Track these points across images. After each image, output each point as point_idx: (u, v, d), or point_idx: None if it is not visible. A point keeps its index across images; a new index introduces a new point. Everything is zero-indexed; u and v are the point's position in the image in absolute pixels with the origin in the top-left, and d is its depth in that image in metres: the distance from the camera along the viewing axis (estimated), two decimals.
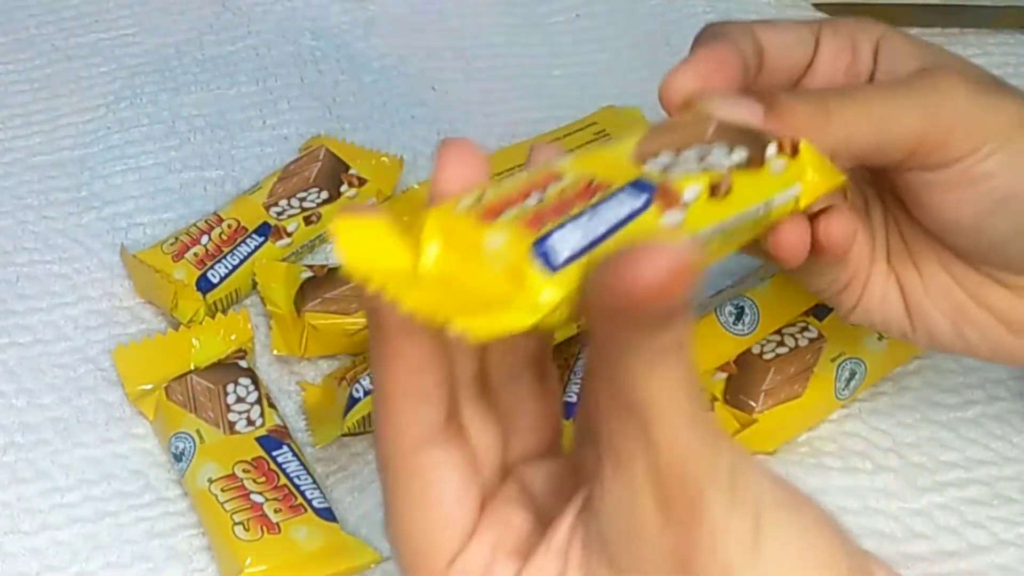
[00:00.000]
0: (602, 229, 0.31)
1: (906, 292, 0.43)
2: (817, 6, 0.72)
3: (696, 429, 0.28)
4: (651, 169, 0.33)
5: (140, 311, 0.58)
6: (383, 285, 0.30)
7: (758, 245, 0.38)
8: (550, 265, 0.30)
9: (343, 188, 0.60)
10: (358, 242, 0.31)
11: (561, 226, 0.30)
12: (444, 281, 0.31)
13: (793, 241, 0.37)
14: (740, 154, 0.35)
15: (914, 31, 0.71)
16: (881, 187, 0.43)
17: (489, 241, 0.31)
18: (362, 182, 0.61)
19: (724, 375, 0.52)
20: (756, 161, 0.36)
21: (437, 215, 0.33)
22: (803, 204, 0.37)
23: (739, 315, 0.52)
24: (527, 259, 0.30)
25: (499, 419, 0.34)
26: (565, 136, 0.62)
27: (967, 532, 0.49)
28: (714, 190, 0.34)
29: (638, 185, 0.32)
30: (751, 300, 0.53)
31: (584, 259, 0.30)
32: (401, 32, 0.72)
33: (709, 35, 0.39)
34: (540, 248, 0.30)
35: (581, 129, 0.63)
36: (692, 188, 0.33)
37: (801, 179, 0.36)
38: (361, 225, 0.32)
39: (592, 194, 0.32)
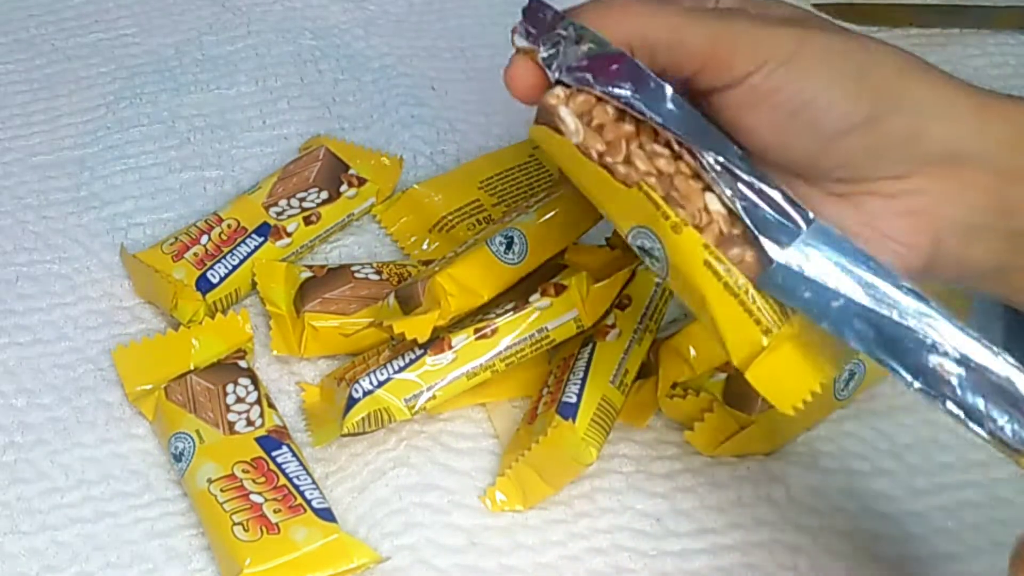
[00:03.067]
0: None
1: None
2: (817, 6, 0.72)
3: None
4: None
5: (140, 311, 0.58)
6: None
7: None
8: None
9: (343, 188, 0.60)
10: None
11: None
12: None
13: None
14: None
15: (914, 31, 0.71)
16: None
17: None
18: (362, 182, 0.61)
19: (723, 375, 0.52)
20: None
21: None
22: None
23: (508, 245, 0.52)
24: None
25: None
26: None
27: (965, 534, 0.50)
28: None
29: None
30: (520, 231, 0.53)
31: None
32: (401, 32, 0.72)
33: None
34: None
35: None
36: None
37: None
38: None
39: None
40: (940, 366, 0.37)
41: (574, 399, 0.50)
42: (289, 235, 0.58)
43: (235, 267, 0.57)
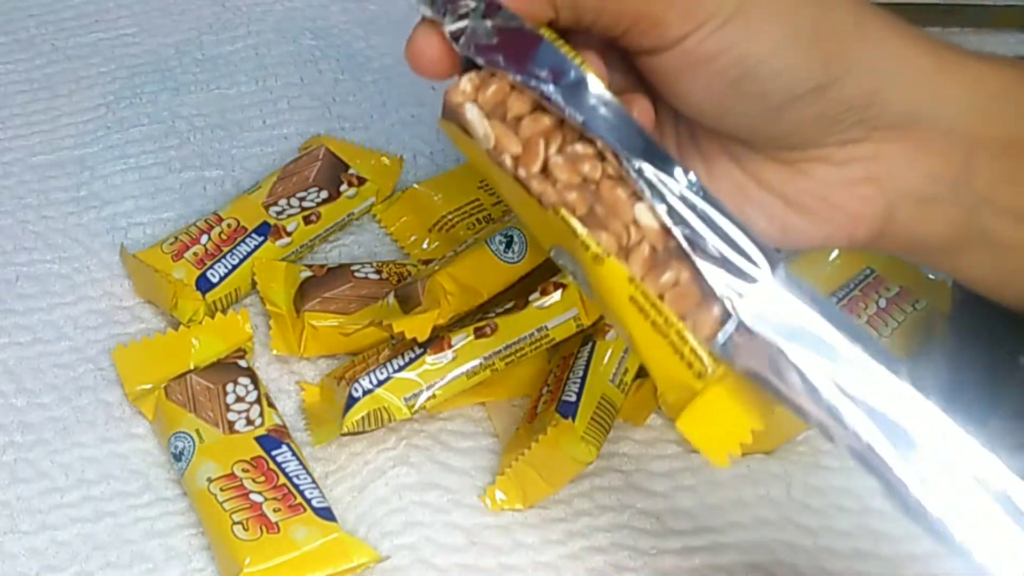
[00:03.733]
0: None
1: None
2: None
3: None
4: None
5: (140, 311, 0.58)
6: None
7: None
8: None
9: (343, 188, 0.60)
10: None
11: None
12: None
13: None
14: None
15: None
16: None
17: None
18: (362, 182, 0.61)
19: None
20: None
21: None
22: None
23: (508, 244, 0.52)
24: None
25: None
26: None
27: None
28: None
29: None
30: (520, 230, 0.53)
31: None
32: (401, 32, 0.71)
33: None
34: None
35: None
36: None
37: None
38: None
39: None
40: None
41: (574, 398, 0.50)
42: (289, 234, 0.58)
43: (235, 267, 0.57)
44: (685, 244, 0.34)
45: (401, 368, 0.50)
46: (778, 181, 0.39)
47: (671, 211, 0.34)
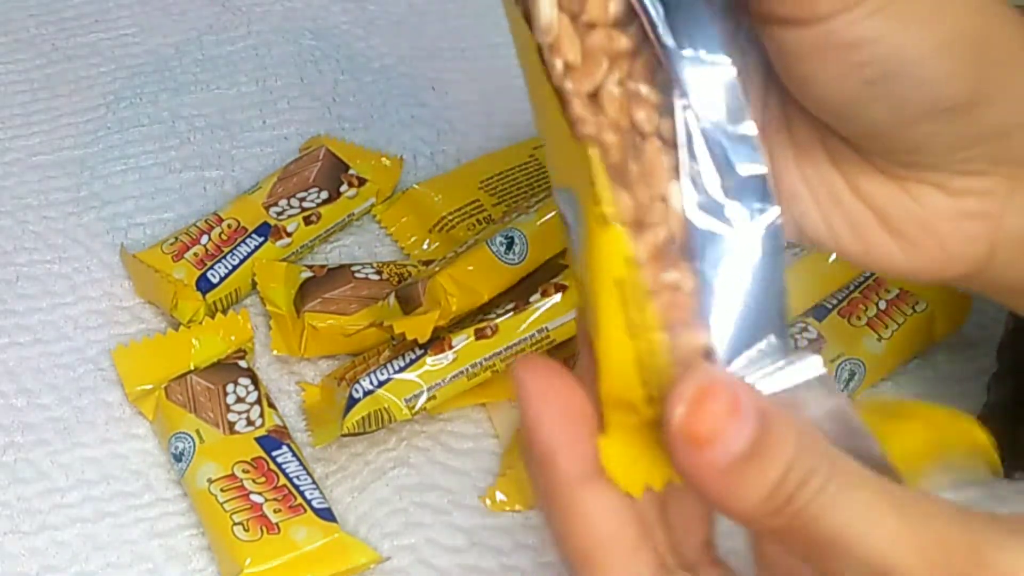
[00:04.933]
0: None
1: (777, 163, 0.36)
2: None
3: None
4: None
5: (140, 311, 0.58)
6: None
7: None
8: None
9: (343, 188, 0.60)
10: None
11: None
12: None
13: None
14: None
15: None
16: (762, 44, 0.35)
17: None
18: (362, 182, 0.61)
19: None
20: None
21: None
22: None
23: (509, 245, 0.52)
24: None
25: None
26: None
27: None
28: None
29: None
30: (520, 231, 0.53)
31: None
32: (401, 32, 0.72)
33: None
34: None
35: None
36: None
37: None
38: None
39: None
40: None
41: None
42: (289, 235, 0.58)
43: (235, 267, 0.57)
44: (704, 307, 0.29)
45: (402, 369, 0.50)
46: (880, 195, 0.35)
47: (708, 206, 0.29)
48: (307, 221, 0.59)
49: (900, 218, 0.35)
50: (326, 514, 0.48)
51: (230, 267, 0.57)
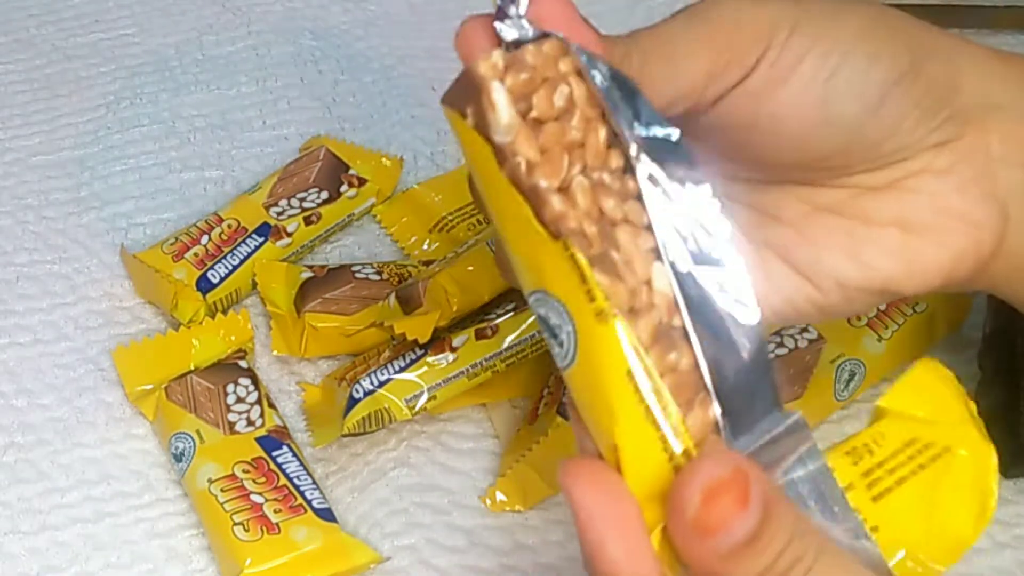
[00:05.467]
0: None
1: (789, 256, 0.38)
2: None
3: None
4: None
5: (140, 311, 0.58)
6: None
7: None
8: None
9: (343, 188, 0.60)
10: None
11: None
12: None
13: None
14: None
15: None
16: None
17: None
18: (362, 182, 0.61)
19: None
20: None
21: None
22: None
23: None
24: None
25: None
26: None
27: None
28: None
29: None
30: None
31: None
32: (401, 32, 0.72)
33: None
34: None
35: None
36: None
37: None
38: None
39: None
40: None
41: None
42: (289, 235, 0.58)
43: (235, 267, 0.57)
44: (691, 326, 0.29)
45: (402, 369, 0.50)
46: (888, 208, 0.36)
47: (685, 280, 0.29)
48: (307, 221, 0.59)
49: (917, 215, 0.36)
50: (326, 514, 0.48)
51: (230, 267, 0.57)
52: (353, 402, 0.50)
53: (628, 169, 0.30)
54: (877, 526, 0.33)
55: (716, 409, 0.30)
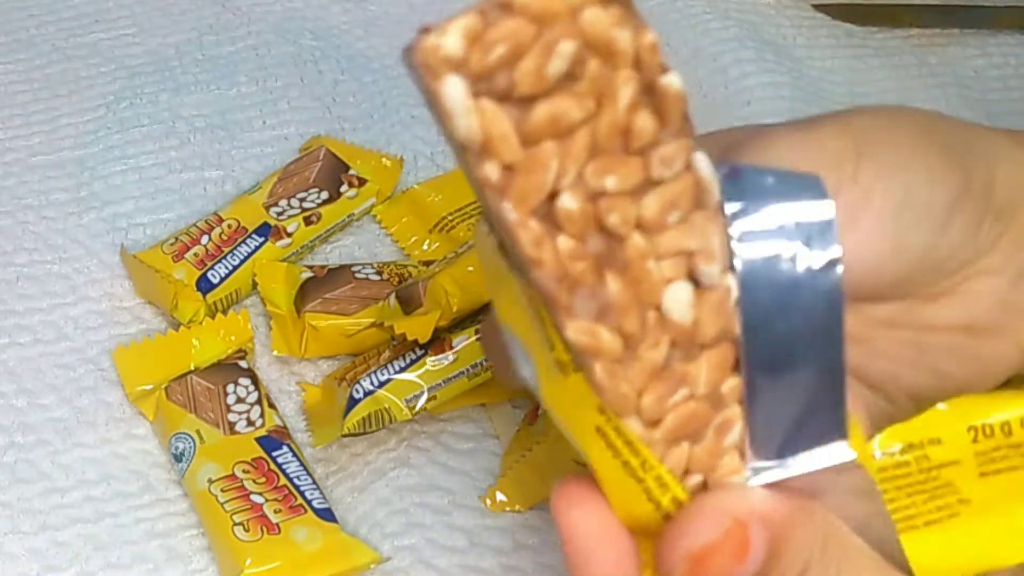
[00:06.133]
0: None
1: (859, 373, 0.38)
2: (816, 7, 0.72)
3: None
4: None
5: (140, 311, 0.58)
6: None
7: None
8: None
9: (343, 188, 0.60)
10: None
11: None
12: None
13: None
14: None
15: (914, 31, 0.71)
16: None
17: None
18: (362, 182, 0.61)
19: None
20: None
21: None
22: None
23: None
24: None
25: None
26: None
27: None
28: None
29: None
30: None
31: None
32: (401, 32, 0.72)
33: None
34: None
35: None
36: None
37: None
38: None
39: None
40: None
41: None
42: (289, 235, 0.58)
43: (235, 267, 0.57)
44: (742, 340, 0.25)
45: (402, 369, 0.50)
46: (950, 314, 0.36)
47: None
48: (307, 221, 0.59)
49: (981, 315, 0.36)
50: (326, 514, 0.48)
51: (230, 267, 0.57)
52: (353, 402, 0.50)
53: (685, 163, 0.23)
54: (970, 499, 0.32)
55: (735, 436, 0.27)
